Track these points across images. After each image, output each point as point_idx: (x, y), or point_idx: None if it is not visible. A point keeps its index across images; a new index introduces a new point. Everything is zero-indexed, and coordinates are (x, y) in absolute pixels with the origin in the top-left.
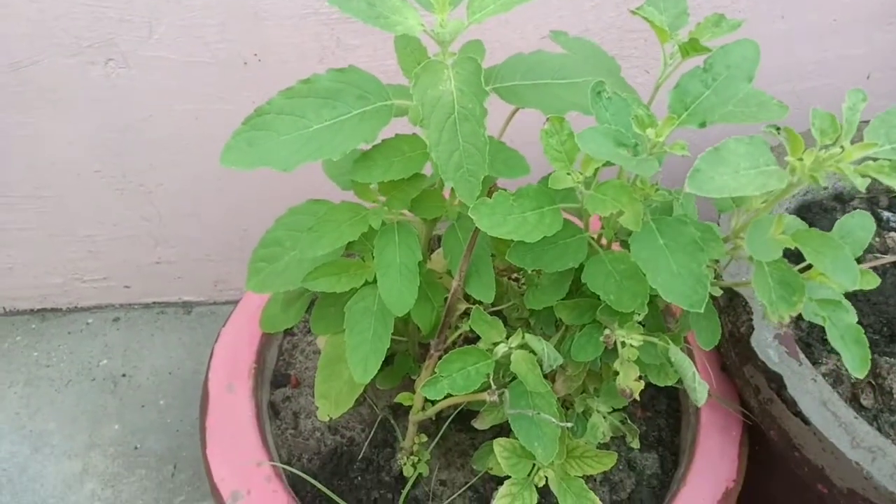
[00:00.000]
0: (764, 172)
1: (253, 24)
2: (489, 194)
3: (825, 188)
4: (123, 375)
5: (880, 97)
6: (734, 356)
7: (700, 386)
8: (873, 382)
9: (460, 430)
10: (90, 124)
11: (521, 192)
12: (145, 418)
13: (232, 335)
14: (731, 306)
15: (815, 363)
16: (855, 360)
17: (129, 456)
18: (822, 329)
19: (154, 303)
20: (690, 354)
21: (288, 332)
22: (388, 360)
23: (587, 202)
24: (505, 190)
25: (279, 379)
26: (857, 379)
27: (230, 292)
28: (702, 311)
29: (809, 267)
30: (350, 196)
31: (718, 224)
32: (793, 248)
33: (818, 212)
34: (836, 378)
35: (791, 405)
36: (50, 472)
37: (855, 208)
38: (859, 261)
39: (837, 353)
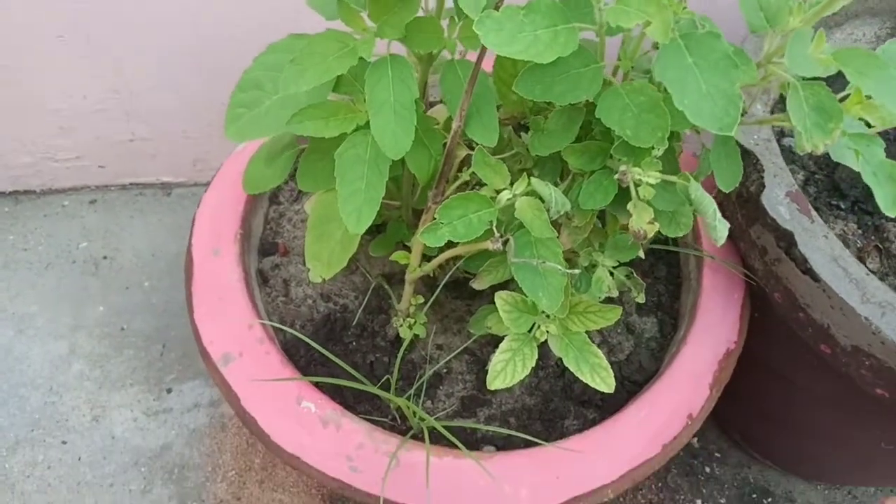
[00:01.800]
0: None
1: None
2: (496, 9)
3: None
4: (104, 258)
5: None
6: (740, 218)
7: (720, 224)
8: (880, 246)
9: (456, 298)
10: None
11: (532, 7)
12: (130, 300)
13: (214, 201)
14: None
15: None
16: (887, 198)
17: (116, 337)
18: (831, 195)
19: (131, 184)
20: None
21: (273, 202)
22: (380, 228)
23: (609, 14)
24: None
25: (266, 247)
26: (863, 243)
27: (210, 172)
28: (732, 133)
29: (842, 101)
30: (337, 27)
31: None
32: (831, 74)
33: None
34: (843, 242)
35: (800, 263)
36: (36, 353)
37: None
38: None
39: (844, 219)
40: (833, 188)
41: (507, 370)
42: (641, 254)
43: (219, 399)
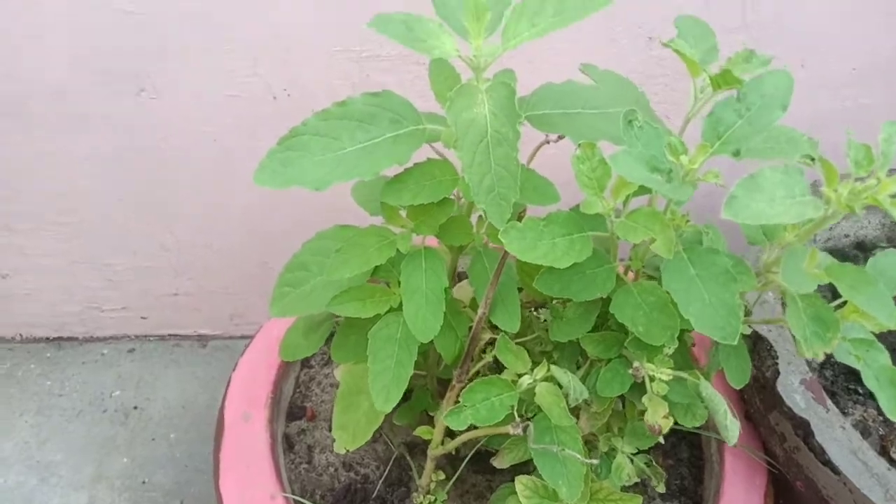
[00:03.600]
0: (800, 202)
1: (284, 59)
2: (519, 220)
3: (846, 236)
4: (135, 408)
5: None
6: (758, 402)
7: (732, 424)
8: None
9: (477, 472)
10: (118, 152)
11: (551, 218)
12: (155, 452)
13: (250, 364)
14: (756, 351)
15: (841, 413)
16: (890, 403)
17: (136, 490)
18: (848, 378)
19: (170, 335)
20: None
21: (305, 365)
22: (405, 396)
23: (618, 229)
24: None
25: (295, 411)
26: (886, 431)
27: (246, 326)
28: (735, 342)
29: (842, 306)
30: (377, 222)
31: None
32: (825, 283)
33: (839, 259)
34: (864, 429)
35: (819, 454)
36: None
37: None
38: None
39: (864, 404)
40: (850, 372)
41: None
42: (661, 439)
43: None
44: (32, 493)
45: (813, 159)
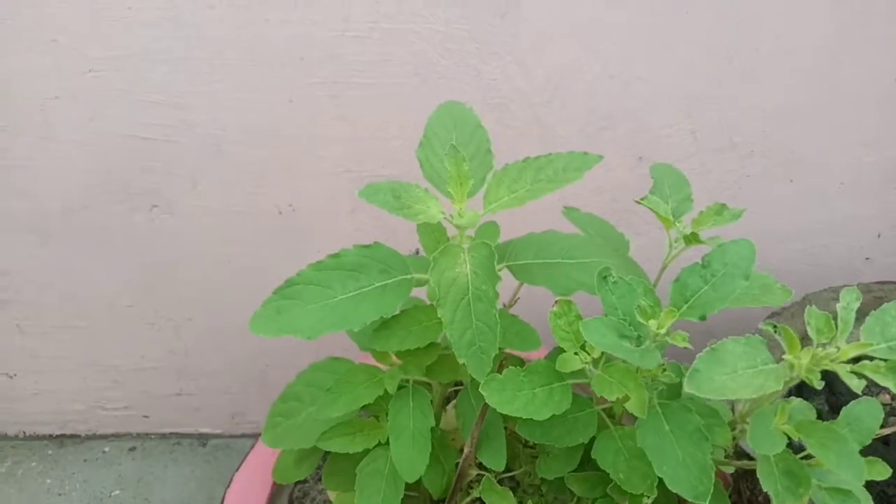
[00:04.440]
0: (762, 371)
1: (289, 178)
2: (500, 368)
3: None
4: None
5: (890, 255)
6: None
7: None
8: None
9: None
10: (129, 263)
11: (531, 368)
12: None
13: (244, 482)
14: (751, 472)
15: None
16: None
17: None
18: None
19: (171, 433)
20: None
21: (299, 482)
22: None
23: (594, 383)
24: (516, 363)
25: None
26: None
27: (246, 425)
28: (706, 503)
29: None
30: (369, 356)
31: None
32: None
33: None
34: None
35: None
36: None
37: None
38: (883, 424)
39: None
40: None
41: None
42: None
43: None
44: None
45: (776, 328)
